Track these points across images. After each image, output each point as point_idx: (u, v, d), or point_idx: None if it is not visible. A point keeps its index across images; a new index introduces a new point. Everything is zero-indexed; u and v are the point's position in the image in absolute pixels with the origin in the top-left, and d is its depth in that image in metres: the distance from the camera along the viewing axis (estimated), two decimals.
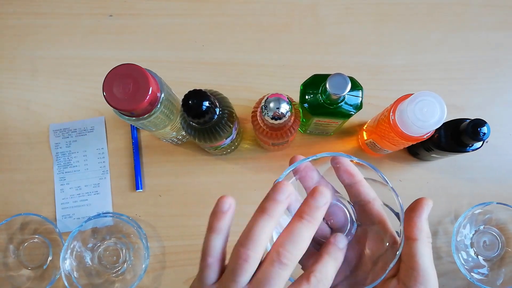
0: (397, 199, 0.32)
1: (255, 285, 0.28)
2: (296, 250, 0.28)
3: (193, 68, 0.65)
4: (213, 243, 0.30)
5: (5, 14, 0.67)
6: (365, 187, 0.34)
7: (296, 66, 0.65)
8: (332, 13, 0.67)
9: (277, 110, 0.44)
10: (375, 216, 0.34)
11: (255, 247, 0.28)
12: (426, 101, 0.45)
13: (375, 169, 0.33)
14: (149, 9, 0.67)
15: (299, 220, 0.29)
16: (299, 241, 0.28)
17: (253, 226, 0.28)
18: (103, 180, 0.63)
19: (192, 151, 0.64)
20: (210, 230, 0.30)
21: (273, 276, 0.28)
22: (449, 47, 0.66)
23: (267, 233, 0.28)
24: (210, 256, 0.29)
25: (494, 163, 0.63)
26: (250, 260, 0.28)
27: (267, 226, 0.28)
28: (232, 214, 0.30)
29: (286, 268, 0.28)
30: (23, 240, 0.63)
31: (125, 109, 0.44)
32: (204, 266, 0.30)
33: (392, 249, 0.33)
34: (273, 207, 0.29)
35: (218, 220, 0.30)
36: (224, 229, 0.30)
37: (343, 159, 0.34)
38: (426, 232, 0.31)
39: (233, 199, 0.30)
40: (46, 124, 0.64)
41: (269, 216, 0.28)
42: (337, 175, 0.34)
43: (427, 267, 0.30)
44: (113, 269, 0.62)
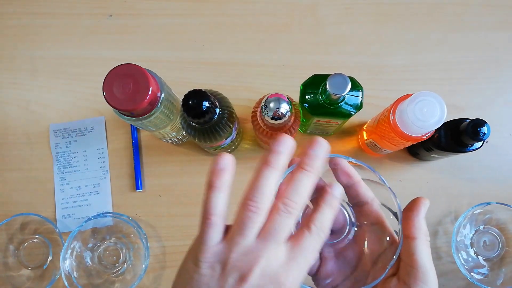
0: (394, 199, 0.33)
1: (264, 236, 0.28)
2: (300, 198, 0.29)
3: (193, 68, 0.65)
4: (214, 201, 0.29)
5: (5, 14, 0.67)
6: (363, 188, 0.35)
7: (296, 66, 0.65)
8: (332, 13, 0.67)
9: (277, 110, 0.44)
10: (373, 216, 0.35)
11: (263, 198, 0.28)
12: (426, 101, 0.45)
13: (372, 169, 0.33)
14: (149, 9, 0.67)
15: (300, 170, 0.30)
16: (301, 190, 0.29)
17: (258, 179, 0.29)
18: (103, 180, 0.63)
19: (192, 151, 0.64)
20: (210, 188, 0.29)
21: (281, 224, 0.28)
22: (449, 47, 0.66)
23: (273, 184, 0.29)
24: (213, 214, 0.29)
25: (494, 163, 0.63)
26: (259, 212, 0.28)
27: (272, 177, 0.29)
28: (232, 171, 0.30)
29: (292, 216, 0.29)
30: (23, 240, 0.63)
31: (125, 109, 0.44)
32: (206, 225, 0.29)
33: (391, 248, 0.33)
34: (276, 158, 0.29)
35: (218, 177, 0.29)
36: (225, 186, 0.29)
37: (341, 161, 0.34)
38: (424, 231, 0.32)
39: (231, 156, 0.30)
40: (46, 124, 0.64)
41: (273, 167, 0.29)
42: (335, 176, 0.35)
43: (426, 264, 0.31)
44: (113, 269, 0.62)
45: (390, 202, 0.33)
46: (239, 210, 0.29)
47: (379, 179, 0.33)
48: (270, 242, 0.28)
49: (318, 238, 0.30)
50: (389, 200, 0.33)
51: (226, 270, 0.28)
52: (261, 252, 0.28)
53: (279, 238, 0.29)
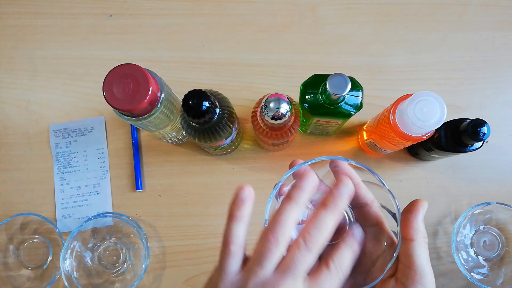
0: (393, 201, 0.33)
1: (283, 269, 0.29)
2: (321, 236, 0.29)
3: (193, 68, 0.65)
4: (235, 231, 0.30)
5: (5, 14, 0.67)
6: (363, 190, 0.35)
7: (296, 66, 0.65)
8: (332, 13, 0.67)
9: (277, 110, 0.44)
10: (373, 218, 0.35)
11: (283, 231, 0.29)
12: (426, 101, 0.45)
13: (372, 172, 0.33)
14: (149, 9, 0.67)
15: (324, 208, 0.30)
16: (323, 227, 0.30)
17: (281, 212, 0.30)
18: (103, 180, 0.63)
19: (192, 151, 0.64)
20: (231, 218, 0.30)
21: (300, 259, 0.29)
22: (449, 47, 0.66)
23: (294, 219, 0.30)
24: (233, 243, 0.30)
25: (494, 163, 0.63)
26: (279, 244, 0.29)
27: (293, 212, 0.30)
28: (252, 202, 0.31)
29: (312, 252, 0.29)
30: (23, 240, 0.63)
31: (125, 109, 0.44)
32: (226, 254, 0.30)
33: (389, 249, 0.34)
34: (299, 194, 0.30)
35: (238, 208, 0.30)
36: (245, 217, 0.30)
37: (342, 163, 0.34)
38: (422, 233, 0.33)
39: (251, 188, 0.31)
40: (46, 124, 0.64)
41: (295, 203, 0.30)
42: (336, 178, 0.35)
43: (424, 266, 0.32)
44: (113, 269, 0.62)
45: (389, 204, 0.34)
46: (259, 241, 0.30)
47: (378, 181, 0.33)
48: (287, 276, 0.29)
49: (336, 276, 0.30)
50: (389, 202, 0.34)
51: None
52: (278, 285, 0.28)
53: (297, 273, 0.29)
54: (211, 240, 0.61)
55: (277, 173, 0.63)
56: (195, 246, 0.61)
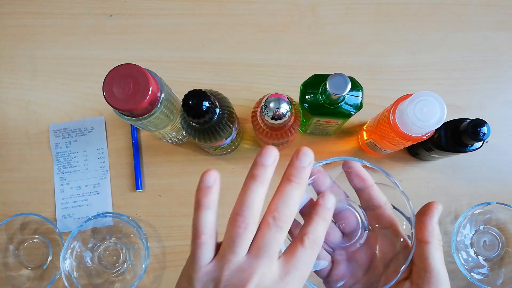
0: (408, 203, 0.33)
1: (256, 252, 0.28)
2: (289, 212, 0.29)
3: (193, 68, 0.65)
4: (204, 219, 0.29)
5: (5, 14, 0.67)
6: (376, 192, 0.35)
7: (296, 66, 0.65)
8: (332, 13, 0.67)
9: (277, 110, 0.44)
10: (386, 220, 0.35)
11: (252, 213, 0.28)
12: (426, 101, 0.45)
13: (386, 173, 0.33)
14: (149, 9, 0.67)
15: (288, 182, 0.29)
16: (290, 203, 0.29)
17: (246, 193, 0.28)
18: (103, 180, 0.63)
19: (192, 151, 0.64)
20: (199, 207, 0.29)
21: (272, 239, 0.28)
22: (449, 47, 0.66)
23: (261, 199, 0.29)
24: (203, 233, 0.28)
25: (494, 163, 0.63)
26: (249, 227, 0.28)
27: (259, 191, 0.29)
28: (218, 187, 0.29)
29: (282, 230, 0.28)
30: (23, 240, 0.63)
31: (125, 109, 0.44)
32: (197, 244, 0.29)
33: (403, 252, 0.33)
34: (262, 172, 0.29)
35: (205, 195, 0.29)
36: (213, 204, 0.29)
37: (355, 164, 0.34)
38: (437, 235, 0.32)
39: (217, 172, 0.29)
40: (46, 124, 0.64)
41: (260, 181, 0.29)
42: (349, 179, 0.35)
43: (439, 269, 0.32)
44: (113, 269, 0.62)
45: (403, 205, 0.33)
46: (228, 226, 0.28)
47: (392, 183, 0.33)
48: (262, 258, 0.28)
49: (312, 252, 0.29)
50: (402, 204, 0.33)
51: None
52: (254, 269, 0.28)
53: (271, 254, 0.28)
54: None
55: (277, 173, 0.63)
56: None
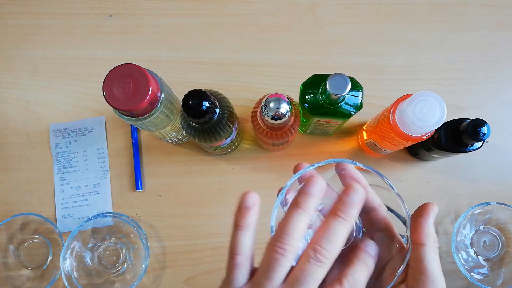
0: (403, 205, 0.32)
1: (291, 282, 0.27)
2: (333, 247, 0.28)
3: (193, 68, 0.65)
4: (241, 240, 0.28)
5: (5, 14, 0.67)
6: (370, 194, 0.34)
7: (296, 66, 0.65)
8: (332, 13, 0.67)
9: (277, 110, 0.44)
10: (381, 222, 0.34)
11: (292, 241, 0.27)
12: (426, 101, 0.45)
13: (380, 174, 0.32)
14: (149, 9, 0.67)
15: (334, 217, 0.28)
16: (335, 239, 0.28)
17: (288, 221, 0.28)
18: (103, 180, 0.63)
19: (192, 151, 0.64)
20: (237, 227, 0.28)
21: (310, 273, 0.27)
22: (449, 47, 0.66)
23: (302, 227, 0.28)
24: (239, 254, 0.28)
25: (494, 163, 0.63)
26: (287, 254, 0.27)
27: (301, 220, 0.28)
28: (258, 209, 0.29)
29: (323, 265, 0.27)
30: (23, 240, 0.63)
31: (125, 109, 0.44)
32: (233, 265, 0.28)
33: (399, 255, 0.33)
34: (307, 200, 0.28)
35: (244, 216, 0.28)
36: (251, 226, 0.29)
37: (348, 166, 0.33)
38: (433, 237, 0.31)
39: (257, 194, 0.29)
40: (46, 124, 0.64)
41: (303, 210, 0.28)
42: (342, 182, 0.34)
43: (435, 271, 0.31)
44: (113, 269, 0.62)
45: (398, 207, 0.32)
46: (266, 251, 0.28)
47: (386, 184, 0.32)
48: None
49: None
50: (397, 205, 0.33)
51: None
52: None
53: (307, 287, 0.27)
54: (211, 240, 0.61)
55: (277, 173, 0.63)
56: (195, 246, 0.61)
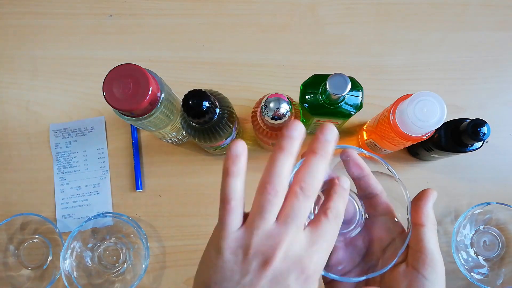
0: (404, 190, 0.34)
1: (284, 219, 0.29)
2: (315, 181, 0.30)
3: (193, 68, 0.65)
4: (233, 186, 0.29)
5: (5, 14, 0.67)
6: (373, 180, 0.36)
7: (296, 66, 0.65)
8: (332, 13, 0.67)
9: (277, 110, 0.44)
10: (382, 207, 0.36)
11: (280, 181, 0.29)
12: (426, 101, 0.45)
13: (384, 162, 0.34)
14: (149, 9, 0.67)
15: (313, 155, 0.30)
16: (316, 174, 0.30)
17: (275, 163, 0.29)
18: (103, 180, 0.63)
19: (192, 151, 0.64)
20: (227, 174, 0.29)
21: (300, 208, 0.29)
22: (449, 47, 0.66)
23: (288, 168, 0.29)
24: (232, 199, 0.29)
25: (494, 163, 0.63)
26: (278, 194, 0.29)
27: (287, 162, 0.29)
28: (246, 156, 0.30)
29: (309, 199, 0.29)
30: (23, 240, 0.63)
31: (125, 109, 0.44)
32: (226, 211, 0.29)
33: (400, 237, 0.34)
34: (290, 143, 0.30)
35: (234, 163, 0.29)
36: (241, 172, 0.30)
37: (352, 153, 0.35)
38: (432, 219, 0.34)
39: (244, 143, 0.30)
40: (46, 124, 0.64)
41: (288, 152, 0.30)
42: (346, 168, 0.36)
43: (433, 250, 0.33)
44: (113, 269, 0.62)
45: (400, 193, 0.34)
46: (256, 194, 0.29)
47: (389, 171, 0.34)
48: (291, 226, 0.29)
49: (335, 224, 0.31)
50: (399, 191, 0.34)
51: (249, 254, 0.28)
52: (283, 236, 0.28)
53: (299, 222, 0.29)
54: None
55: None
56: (195, 246, 0.61)
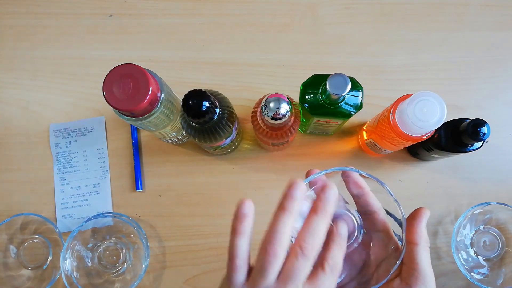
0: (400, 209, 0.36)
1: (284, 278, 0.31)
2: (316, 242, 0.31)
3: (193, 68, 0.65)
4: (239, 245, 0.32)
5: (5, 14, 0.67)
6: (372, 198, 0.38)
7: (296, 66, 0.65)
8: (331, 13, 0.67)
9: (277, 110, 0.44)
10: (380, 224, 0.38)
11: (281, 242, 0.31)
12: (426, 101, 0.45)
13: (380, 182, 0.36)
14: (149, 9, 0.67)
15: (315, 214, 0.32)
16: (316, 233, 0.31)
17: (276, 224, 0.31)
18: (103, 180, 0.63)
19: (192, 151, 0.64)
20: (235, 233, 0.32)
21: (299, 267, 0.31)
22: (449, 47, 0.66)
23: (289, 229, 0.31)
24: (238, 258, 0.32)
25: (494, 163, 0.63)
26: (278, 255, 0.30)
27: (288, 222, 0.31)
28: (253, 216, 0.32)
29: (309, 259, 0.31)
30: (23, 240, 0.63)
31: (125, 109, 0.44)
32: (232, 268, 0.32)
33: (395, 253, 0.36)
34: (291, 204, 0.31)
35: (241, 222, 0.32)
36: (247, 231, 0.32)
37: (352, 173, 0.37)
38: (425, 238, 0.36)
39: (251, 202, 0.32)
40: (46, 124, 0.64)
41: (289, 212, 0.31)
42: (347, 187, 0.38)
43: (426, 268, 0.35)
44: (113, 269, 0.62)
45: (396, 211, 0.36)
46: (258, 254, 0.31)
47: (386, 191, 0.36)
48: (288, 285, 0.30)
49: (332, 276, 0.32)
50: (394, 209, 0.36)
51: None
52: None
53: (298, 281, 0.31)
54: (211, 240, 0.61)
55: (277, 173, 0.63)
56: (195, 246, 0.61)
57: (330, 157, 0.63)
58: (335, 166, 0.37)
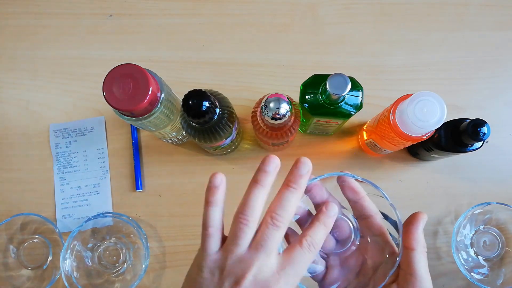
0: (396, 214, 0.36)
1: (255, 246, 0.32)
2: (286, 213, 0.33)
3: (193, 68, 0.65)
4: (211, 214, 0.33)
5: (5, 14, 0.67)
6: (368, 203, 0.38)
7: (296, 66, 0.65)
8: (331, 13, 0.67)
9: (277, 110, 0.44)
10: (376, 229, 0.38)
11: (252, 212, 0.32)
12: (426, 101, 0.45)
13: (376, 186, 0.36)
14: (149, 9, 0.67)
15: (286, 188, 0.33)
16: (287, 206, 0.33)
17: (249, 196, 0.33)
18: (103, 180, 0.63)
19: (192, 151, 0.64)
20: (207, 204, 0.33)
21: (269, 236, 0.32)
22: (449, 47, 0.66)
23: (261, 201, 0.33)
24: (211, 226, 0.33)
25: (494, 163, 0.63)
26: (250, 224, 0.32)
27: (260, 194, 0.33)
28: (224, 187, 0.34)
29: (279, 229, 0.32)
30: (23, 240, 0.63)
31: (125, 109, 0.44)
32: (205, 236, 0.33)
33: (391, 258, 0.36)
34: (264, 177, 0.33)
35: (213, 194, 0.33)
36: (219, 202, 0.34)
37: (348, 178, 0.37)
38: (422, 243, 0.35)
39: (223, 175, 0.34)
40: (46, 124, 0.64)
41: (262, 186, 0.33)
42: (343, 192, 0.38)
43: (423, 273, 0.35)
44: (113, 269, 0.62)
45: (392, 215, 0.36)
46: (232, 223, 0.33)
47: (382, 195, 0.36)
48: (260, 252, 0.32)
49: (308, 253, 0.33)
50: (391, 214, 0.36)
51: (223, 275, 0.32)
52: (253, 260, 0.32)
53: (269, 249, 0.32)
54: None
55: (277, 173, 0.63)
56: (195, 246, 0.61)
57: (330, 157, 0.63)
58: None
